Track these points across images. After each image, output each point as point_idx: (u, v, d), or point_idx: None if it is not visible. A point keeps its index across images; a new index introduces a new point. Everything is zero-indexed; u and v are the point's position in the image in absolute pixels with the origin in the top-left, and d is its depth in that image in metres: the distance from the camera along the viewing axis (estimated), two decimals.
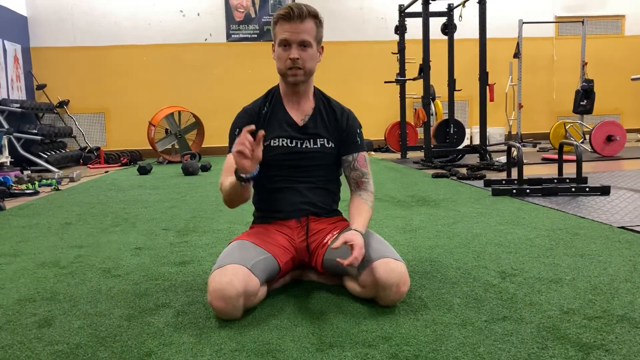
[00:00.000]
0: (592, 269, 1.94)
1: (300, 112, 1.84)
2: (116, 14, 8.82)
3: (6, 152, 6.60)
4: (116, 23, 8.83)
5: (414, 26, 7.33)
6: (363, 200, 1.82)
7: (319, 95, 1.89)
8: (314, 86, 1.88)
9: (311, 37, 1.72)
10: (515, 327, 1.44)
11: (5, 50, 7.75)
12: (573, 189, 3.61)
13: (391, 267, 1.59)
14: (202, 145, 8.31)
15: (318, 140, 1.82)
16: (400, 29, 7.17)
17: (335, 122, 1.85)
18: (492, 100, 6.41)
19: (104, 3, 8.79)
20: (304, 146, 1.81)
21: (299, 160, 1.81)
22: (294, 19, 1.69)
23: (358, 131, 1.88)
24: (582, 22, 8.13)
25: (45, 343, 1.44)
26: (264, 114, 1.82)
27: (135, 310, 1.67)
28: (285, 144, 1.80)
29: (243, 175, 1.59)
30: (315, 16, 1.73)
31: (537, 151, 7.45)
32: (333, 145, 1.84)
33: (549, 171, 4.98)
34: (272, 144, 1.80)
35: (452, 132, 7.05)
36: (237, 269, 1.55)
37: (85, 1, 8.75)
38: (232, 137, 1.80)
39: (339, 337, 1.41)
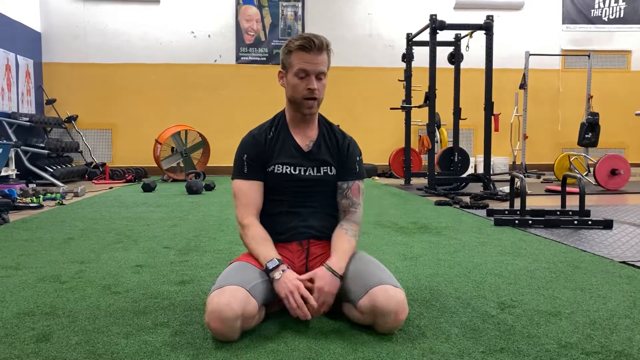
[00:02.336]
0: (592, 303, 1.93)
1: (305, 138, 1.86)
2: (128, 32, 8.97)
3: (12, 165, 6.65)
4: (128, 41, 8.97)
5: (421, 54, 7.42)
6: (344, 230, 1.83)
7: (323, 121, 1.92)
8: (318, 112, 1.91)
9: (326, 67, 1.77)
10: (513, 359, 1.44)
11: (17, 65, 7.87)
12: (575, 222, 3.61)
13: (390, 294, 1.59)
14: (207, 164, 8.35)
15: (322, 167, 1.85)
16: (408, 57, 7.26)
17: (338, 148, 1.89)
18: (497, 130, 6.44)
19: (116, 22, 8.95)
20: (307, 173, 1.84)
21: (301, 186, 1.84)
22: (313, 50, 1.73)
23: (358, 159, 1.91)
24: (589, 55, 8.20)
25: (42, 358, 1.45)
26: (269, 139, 1.85)
27: (133, 328, 1.67)
28: (289, 172, 1.82)
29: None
30: (328, 47, 1.78)
31: (541, 182, 7.45)
32: (335, 172, 1.87)
33: (553, 203, 4.98)
34: (276, 170, 1.82)
35: (456, 160, 7.07)
36: (235, 291, 1.55)
37: (99, 19, 8.91)
38: (240, 161, 1.83)
39: None
